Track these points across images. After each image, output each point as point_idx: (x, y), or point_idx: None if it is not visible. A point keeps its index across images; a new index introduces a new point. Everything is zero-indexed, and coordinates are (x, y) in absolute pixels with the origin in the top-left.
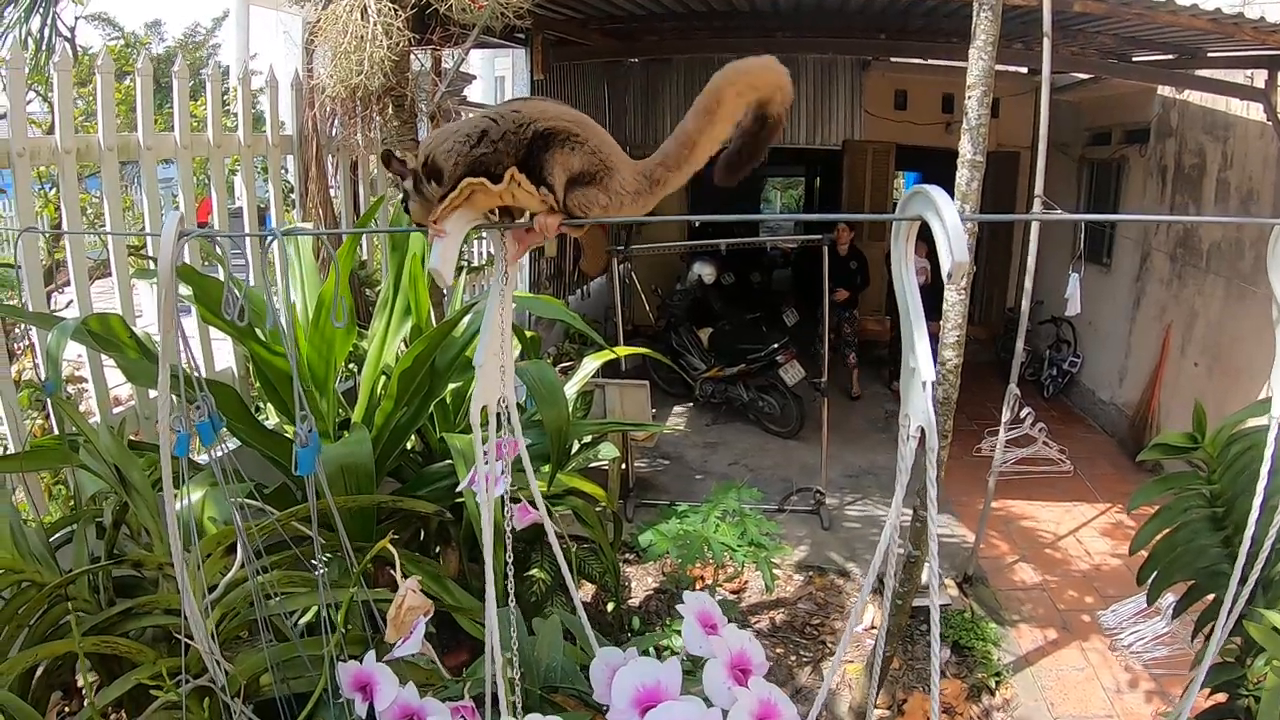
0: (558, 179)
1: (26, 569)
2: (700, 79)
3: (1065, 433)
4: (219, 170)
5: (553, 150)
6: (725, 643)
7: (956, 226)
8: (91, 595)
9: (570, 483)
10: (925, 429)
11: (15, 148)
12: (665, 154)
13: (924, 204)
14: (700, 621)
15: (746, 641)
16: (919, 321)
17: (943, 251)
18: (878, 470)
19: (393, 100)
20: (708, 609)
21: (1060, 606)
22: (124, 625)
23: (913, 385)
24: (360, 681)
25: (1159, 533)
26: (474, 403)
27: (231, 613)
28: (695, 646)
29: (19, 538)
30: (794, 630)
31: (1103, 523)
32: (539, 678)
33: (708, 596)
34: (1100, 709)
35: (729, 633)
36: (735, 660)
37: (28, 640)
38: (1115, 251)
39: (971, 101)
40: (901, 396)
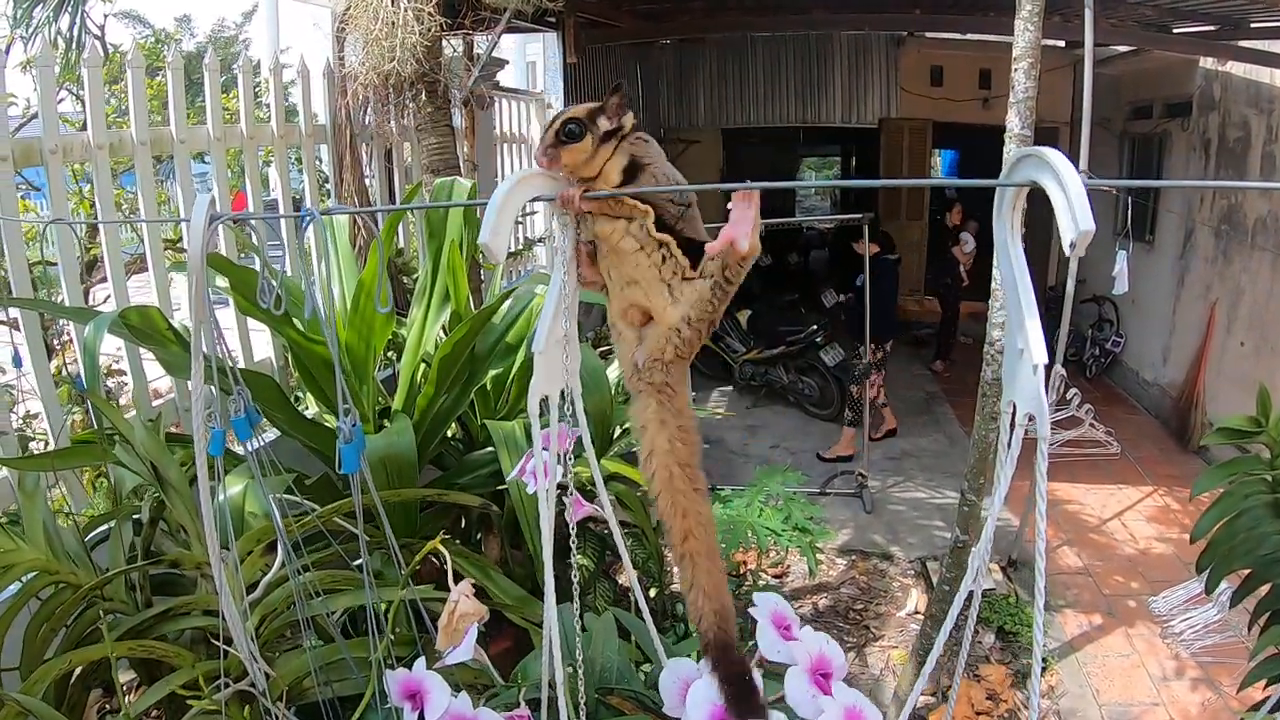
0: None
1: (61, 569)
2: (733, 59)
3: (1108, 413)
4: (252, 162)
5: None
6: (805, 647)
7: (1080, 192)
8: (129, 595)
9: (612, 468)
10: (1036, 415)
11: (48, 145)
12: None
13: (1038, 167)
14: (774, 623)
15: (825, 644)
16: (1029, 300)
17: (1064, 221)
18: (920, 452)
19: (425, 86)
20: (780, 610)
21: (1105, 591)
22: (161, 627)
23: (1020, 369)
24: (410, 689)
25: (1219, 521)
26: (531, 394)
27: (272, 613)
28: (773, 652)
29: (53, 537)
30: (837, 615)
31: (1148, 506)
32: (594, 679)
33: (778, 597)
34: (1146, 696)
35: (806, 635)
36: (816, 665)
37: (64, 642)
38: (1158, 228)
39: (1018, 74)
40: (1003, 381)
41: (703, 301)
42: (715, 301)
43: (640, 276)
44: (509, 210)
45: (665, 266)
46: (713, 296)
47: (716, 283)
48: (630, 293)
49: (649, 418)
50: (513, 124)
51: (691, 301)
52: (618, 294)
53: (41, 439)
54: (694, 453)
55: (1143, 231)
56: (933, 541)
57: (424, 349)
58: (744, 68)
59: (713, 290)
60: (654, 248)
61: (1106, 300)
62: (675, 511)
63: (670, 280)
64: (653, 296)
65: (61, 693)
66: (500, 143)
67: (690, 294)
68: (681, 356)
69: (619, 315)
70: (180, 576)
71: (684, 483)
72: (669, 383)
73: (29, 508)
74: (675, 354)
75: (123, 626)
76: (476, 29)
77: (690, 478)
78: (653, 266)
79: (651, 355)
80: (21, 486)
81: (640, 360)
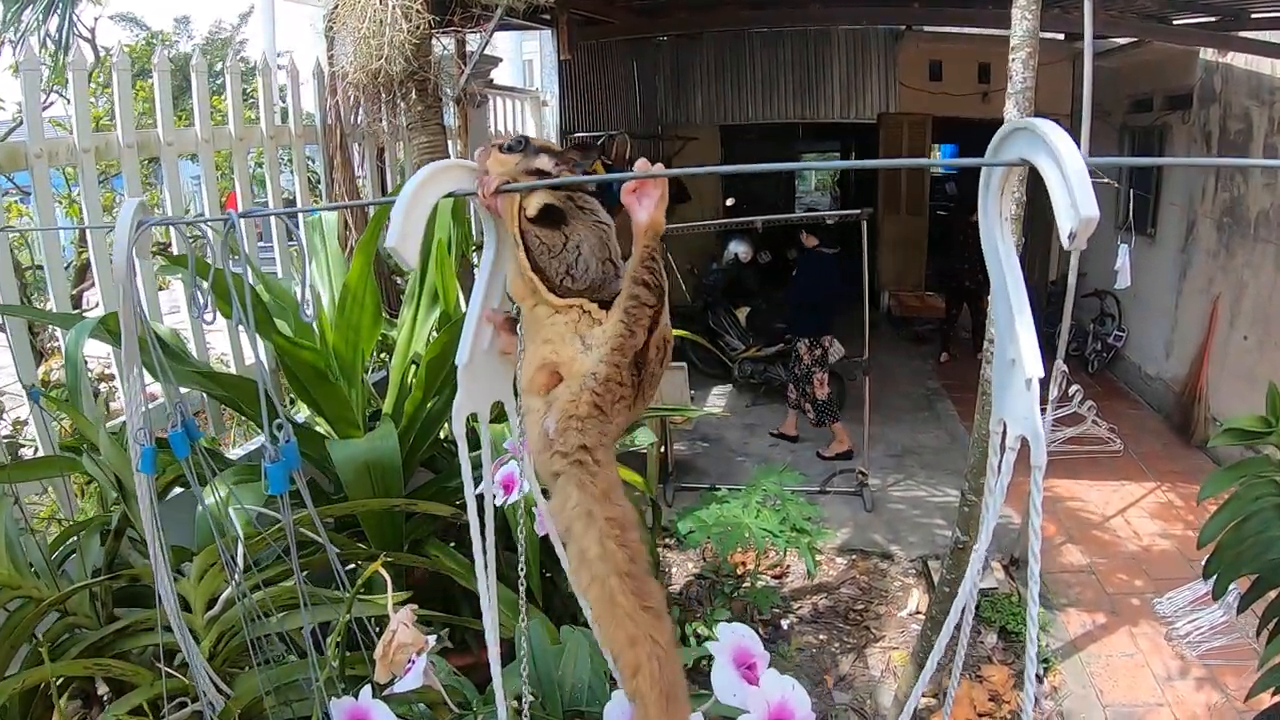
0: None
1: (24, 583)
2: (731, 55)
3: (1110, 409)
4: (242, 163)
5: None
6: (764, 694)
7: (1080, 171)
8: (93, 609)
9: None
10: (1029, 439)
11: (33, 149)
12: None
13: (1030, 143)
14: (736, 661)
15: (789, 690)
16: (1020, 301)
17: (1062, 206)
18: (920, 449)
19: (416, 85)
20: (746, 645)
21: (1109, 590)
22: (123, 643)
23: (1010, 383)
24: (356, 718)
25: (1227, 524)
26: (455, 413)
27: (230, 630)
28: (728, 696)
29: (16, 550)
30: (837, 616)
31: (1151, 503)
32: (563, 700)
33: (746, 630)
34: (1150, 697)
35: (769, 680)
36: (774, 714)
37: (30, 656)
38: (1160, 221)
39: (1016, 64)
40: (993, 395)
41: (617, 326)
42: (633, 317)
43: (552, 335)
44: (419, 209)
45: (581, 322)
46: (629, 314)
47: (635, 283)
48: (542, 351)
49: (570, 512)
50: (508, 122)
51: (605, 339)
52: (530, 358)
53: (30, 445)
54: (636, 555)
55: (1144, 225)
56: (934, 540)
57: (414, 351)
58: (741, 63)
59: (627, 309)
60: (566, 310)
61: (1108, 294)
62: (619, 639)
63: (584, 331)
64: (562, 349)
65: (26, 708)
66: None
67: (602, 335)
68: (600, 408)
69: (526, 385)
70: (146, 589)
71: (627, 599)
72: (586, 447)
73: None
74: (592, 404)
75: (85, 641)
76: (467, 26)
77: (636, 591)
78: (569, 323)
79: (564, 414)
80: None
81: (550, 426)
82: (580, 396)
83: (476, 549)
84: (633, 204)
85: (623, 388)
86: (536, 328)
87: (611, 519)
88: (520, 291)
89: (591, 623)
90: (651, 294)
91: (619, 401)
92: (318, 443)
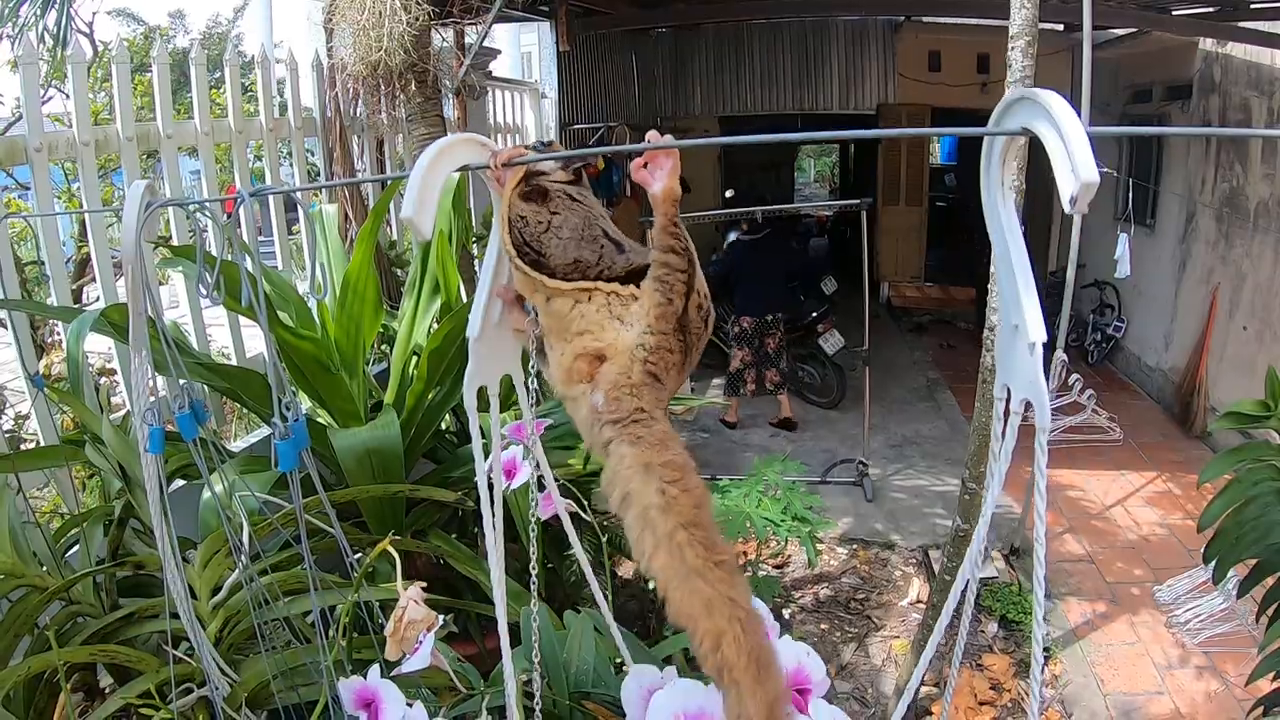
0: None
1: (28, 573)
2: (729, 47)
3: (1111, 399)
4: (241, 155)
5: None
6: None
7: (1080, 138)
8: (97, 597)
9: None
10: (1033, 402)
11: (32, 143)
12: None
13: (1031, 112)
14: None
15: (805, 656)
16: (1024, 271)
17: (1062, 172)
18: (921, 439)
19: (415, 77)
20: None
21: (1109, 579)
22: (127, 630)
23: (1015, 349)
24: (364, 699)
25: (1227, 509)
26: (467, 384)
27: (236, 616)
28: None
29: (20, 540)
30: (838, 605)
31: (1150, 492)
32: (569, 682)
33: (757, 602)
34: (1150, 685)
35: (784, 645)
36: (793, 679)
37: (35, 644)
38: (1159, 212)
39: (1015, 53)
40: (996, 362)
41: (654, 297)
42: (667, 285)
43: (587, 325)
44: (433, 182)
45: (612, 303)
46: (662, 283)
47: (662, 251)
48: (578, 343)
49: (626, 472)
50: (507, 114)
51: (645, 312)
52: (564, 355)
53: (33, 439)
54: (700, 502)
55: (1144, 215)
56: (934, 530)
57: (415, 341)
58: (740, 55)
59: (660, 279)
60: (587, 296)
61: (1108, 285)
62: (694, 605)
63: (619, 312)
64: (603, 334)
65: (30, 697)
66: (495, 133)
67: (640, 309)
68: (654, 375)
69: (564, 380)
70: (150, 578)
71: (696, 554)
72: (642, 408)
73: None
74: (645, 370)
75: (89, 629)
76: (465, 18)
77: (705, 543)
78: (600, 309)
79: (615, 386)
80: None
81: (599, 400)
82: (632, 368)
83: (487, 524)
84: (645, 178)
85: (672, 354)
86: (562, 324)
87: (669, 463)
88: (523, 285)
89: (662, 596)
90: (681, 259)
91: (671, 368)
92: (320, 433)
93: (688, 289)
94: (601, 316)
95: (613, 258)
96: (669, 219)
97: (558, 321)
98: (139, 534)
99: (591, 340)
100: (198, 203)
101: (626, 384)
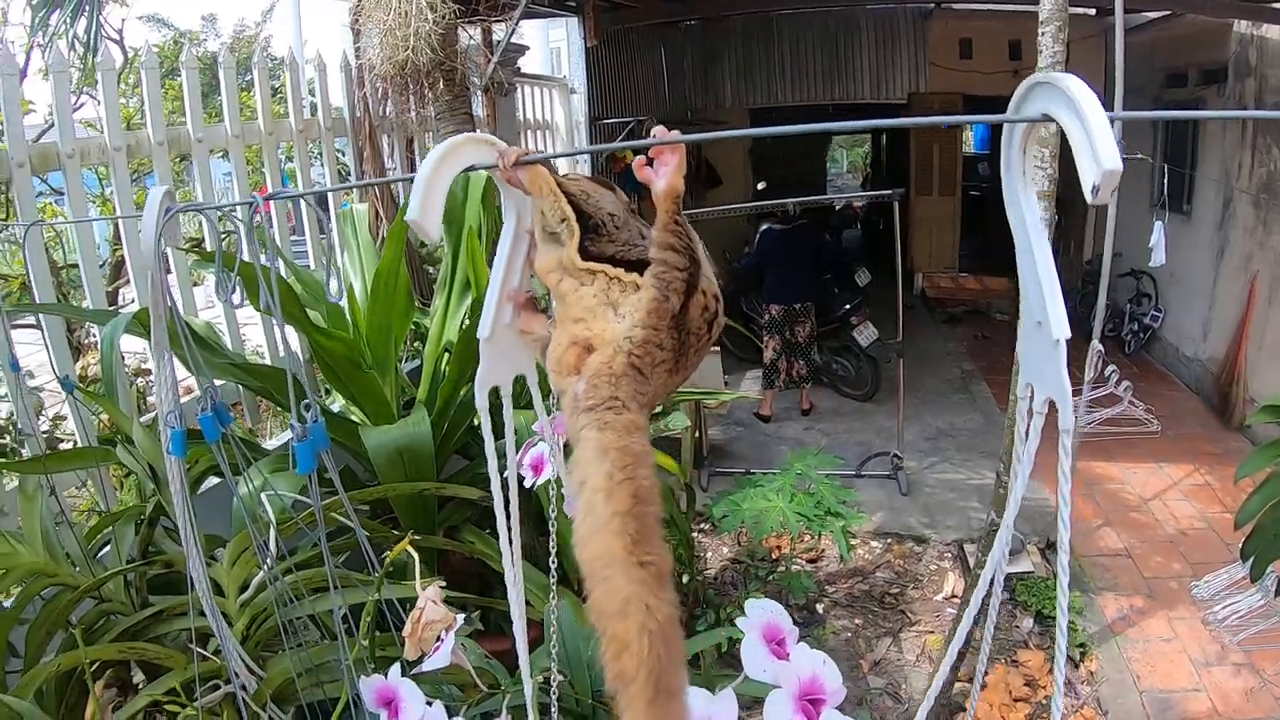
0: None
1: (60, 571)
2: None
3: (1148, 390)
4: (272, 157)
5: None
6: (794, 667)
7: (1102, 123)
8: (127, 595)
9: None
10: (1057, 401)
11: (64, 149)
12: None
13: (1050, 97)
14: (766, 637)
15: (820, 665)
16: (1046, 263)
17: (1084, 160)
18: (956, 432)
19: (443, 75)
20: (775, 622)
21: (1146, 574)
22: (156, 628)
23: (1037, 345)
24: (385, 697)
25: (1265, 504)
26: (479, 385)
27: (263, 613)
28: (758, 671)
29: (52, 540)
30: (872, 600)
31: (1188, 485)
32: (592, 680)
33: (776, 606)
34: (1187, 683)
35: (800, 653)
36: (805, 689)
37: (65, 643)
38: (1196, 198)
39: (1045, 39)
40: (1019, 359)
41: (650, 292)
42: (664, 282)
43: (582, 311)
44: (440, 183)
45: (611, 289)
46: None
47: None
48: (573, 330)
49: (586, 454)
50: (537, 110)
51: (639, 305)
52: (560, 341)
53: (69, 440)
54: (642, 496)
55: (1180, 202)
56: (969, 524)
57: (446, 338)
58: (769, 47)
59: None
60: (590, 278)
61: (1145, 274)
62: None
63: (616, 300)
64: (594, 323)
65: (61, 693)
66: (524, 129)
67: (636, 301)
68: (637, 368)
69: (555, 371)
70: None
71: (624, 548)
72: (617, 396)
73: (28, 511)
74: (628, 362)
75: (119, 627)
76: (492, 15)
77: (636, 538)
78: (597, 294)
79: (596, 374)
80: (22, 490)
81: (581, 388)
82: (615, 358)
83: (501, 525)
84: (649, 175)
85: (662, 350)
86: (565, 308)
87: (625, 449)
88: (546, 265)
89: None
90: (680, 257)
91: (659, 365)
92: (351, 431)
93: (689, 287)
94: (597, 302)
95: (634, 240)
96: (671, 216)
97: (562, 307)
98: (170, 533)
99: (583, 329)
100: (217, 207)
101: (607, 373)
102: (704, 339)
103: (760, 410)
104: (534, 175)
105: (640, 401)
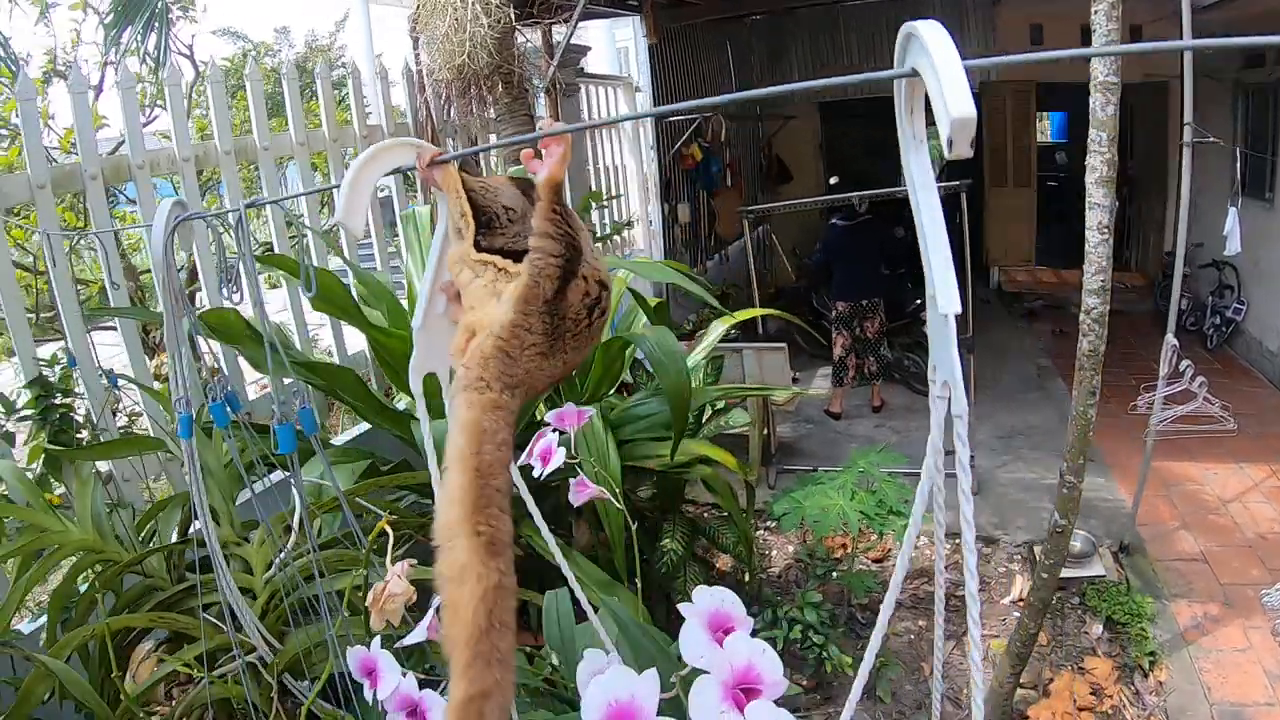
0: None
1: (107, 549)
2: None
3: (1229, 387)
4: (337, 164)
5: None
6: (727, 655)
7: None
8: (168, 572)
9: (699, 450)
10: (949, 383)
11: (135, 161)
12: None
13: (915, 49)
14: (712, 625)
15: (759, 654)
16: (935, 227)
17: (939, 110)
18: (1030, 430)
19: (501, 78)
20: (725, 610)
21: (1223, 580)
22: (189, 601)
23: (932, 321)
24: (367, 667)
25: None
26: (412, 372)
27: (280, 592)
28: (695, 658)
29: (101, 520)
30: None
31: (1270, 486)
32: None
33: (729, 594)
34: (1260, 696)
35: (735, 641)
36: (739, 678)
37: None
38: (1278, 185)
39: (1099, 16)
40: (930, 342)
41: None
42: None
43: (473, 300)
44: (364, 185)
45: (498, 280)
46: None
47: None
48: (467, 318)
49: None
50: (601, 110)
51: (512, 291)
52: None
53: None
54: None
55: (1262, 189)
56: (1040, 525)
57: None
58: (836, 39)
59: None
60: (482, 269)
61: (1227, 265)
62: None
63: (500, 289)
64: (481, 310)
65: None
66: (589, 130)
67: (511, 288)
68: (503, 349)
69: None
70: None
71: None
72: (482, 377)
73: (81, 493)
74: (495, 345)
75: (155, 599)
76: (548, 17)
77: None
78: (487, 283)
79: (470, 356)
80: (77, 475)
81: (461, 372)
82: (485, 342)
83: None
84: (535, 165)
85: (531, 334)
86: (465, 298)
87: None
88: (452, 257)
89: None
90: (556, 244)
91: (529, 349)
92: (405, 426)
93: (565, 274)
94: (486, 292)
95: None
96: (550, 204)
97: (464, 295)
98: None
99: (473, 316)
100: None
101: (478, 354)
102: (585, 325)
103: (830, 407)
104: (445, 174)
105: (506, 382)
